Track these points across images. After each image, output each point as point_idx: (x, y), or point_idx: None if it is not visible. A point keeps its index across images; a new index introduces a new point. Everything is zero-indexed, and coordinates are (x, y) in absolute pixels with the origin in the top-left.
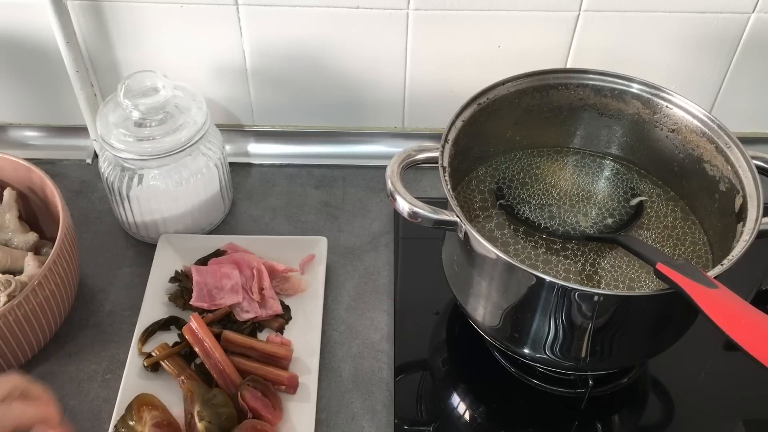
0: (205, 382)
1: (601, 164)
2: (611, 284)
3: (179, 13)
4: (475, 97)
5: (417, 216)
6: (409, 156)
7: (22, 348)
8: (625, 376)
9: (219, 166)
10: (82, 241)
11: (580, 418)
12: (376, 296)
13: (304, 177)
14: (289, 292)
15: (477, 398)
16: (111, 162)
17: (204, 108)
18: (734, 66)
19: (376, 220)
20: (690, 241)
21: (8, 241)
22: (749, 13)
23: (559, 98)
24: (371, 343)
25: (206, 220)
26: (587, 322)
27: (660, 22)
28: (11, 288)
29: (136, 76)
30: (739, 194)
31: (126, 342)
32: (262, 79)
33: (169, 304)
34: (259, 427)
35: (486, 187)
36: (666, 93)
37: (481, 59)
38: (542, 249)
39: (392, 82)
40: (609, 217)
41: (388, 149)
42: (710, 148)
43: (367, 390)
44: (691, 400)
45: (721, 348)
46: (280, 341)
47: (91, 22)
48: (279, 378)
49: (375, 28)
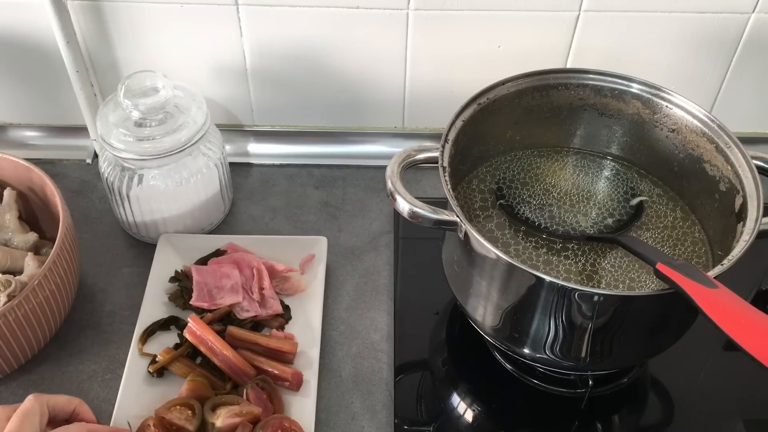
0: (215, 378)
1: (601, 164)
2: (611, 284)
3: (179, 13)
4: (475, 97)
5: (417, 216)
6: (409, 156)
7: (22, 348)
8: (625, 376)
9: (219, 166)
10: (82, 241)
11: (580, 418)
12: (376, 296)
13: (304, 177)
14: (289, 291)
15: (477, 398)
16: (111, 162)
17: (204, 108)
18: (734, 66)
19: (376, 220)
20: (690, 241)
21: (8, 241)
22: (749, 13)
23: (559, 98)
24: (371, 343)
25: (206, 220)
26: (587, 322)
27: (660, 22)
28: (11, 288)
29: (136, 76)
30: (739, 194)
31: (126, 342)
32: (262, 79)
33: (169, 303)
34: (286, 424)
35: (486, 187)
36: (666, 93)
37: (481, 59)
38: (542, 249)
39: (392, 82)
40: (609, 217)
41: (388, 149)
42: (710, 148)
43: (367, 390)
44: (691, 400)
45: (721, 348)
46: (284, 336)
47: (91, 22)
48: (283, 374)
49: (375, 28)
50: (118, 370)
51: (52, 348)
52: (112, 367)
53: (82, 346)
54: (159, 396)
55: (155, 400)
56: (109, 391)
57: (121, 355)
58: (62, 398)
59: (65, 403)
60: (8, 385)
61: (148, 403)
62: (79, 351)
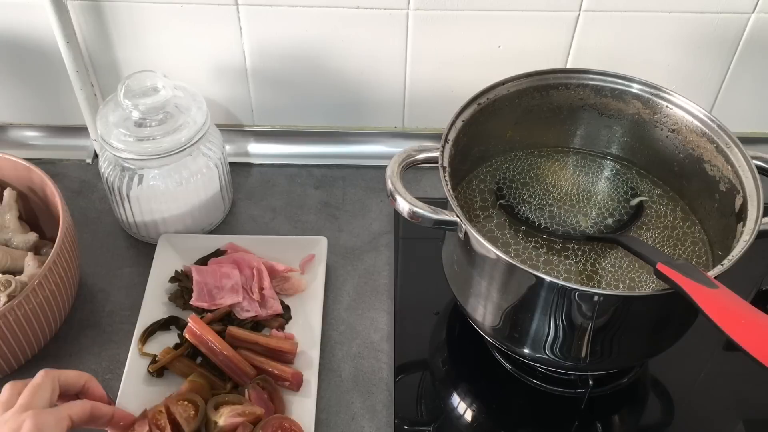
0: (215, 378)
1: (601, 164)
2: (611, 284)
3: (179, 13)
4: (475, 97)
5: (417, 216)
6: (409, 156)
7: (22, 348)
8: (625, 376)
9: (219, 166)
10: (82, 241)
11: (580, 418)
12: (376, 296)
13: (304, 177)
14: (289, 291)
15: (477, 398)
16: (111, 162)
17: (204, 108)
18: (734, 66)
19: (376, 220)
20: (690, 241)
21: (8, 241)
22: (749, 13)
23: (559, 98)
24: (371, 343)
25: (206, 220)
26: (587, 322)
27: (660, 22)
28: (11, 288)
29: (136, 76)
30: (739, 194)
31: (126, 342)
32: (262, 79)
33: (169, 303)
34: (286, 424)
35: (486, 187)
36: (666, 93)
37: (481, 59)
38: (542, 249)
39: (392, 82)
40: (609, 217)
41: (388, 149)
42: (710, 148)
43: (367, 390)
44: (691, 400)
45: (721, 348)
46: (284, 335)
47: (91, 22)
48: (283, 374)
49: (375, 28)
50: (118, 370)
51: (52, 348)
52: (112, 367)
53: (82, 346)
54: (159, 396)
55: (155, 400)
56: (109, 391)
57: (121, 355)
58: (72, 373)
59: (75, 379)
60: None
61: (148, 403)
62: (79, 351)
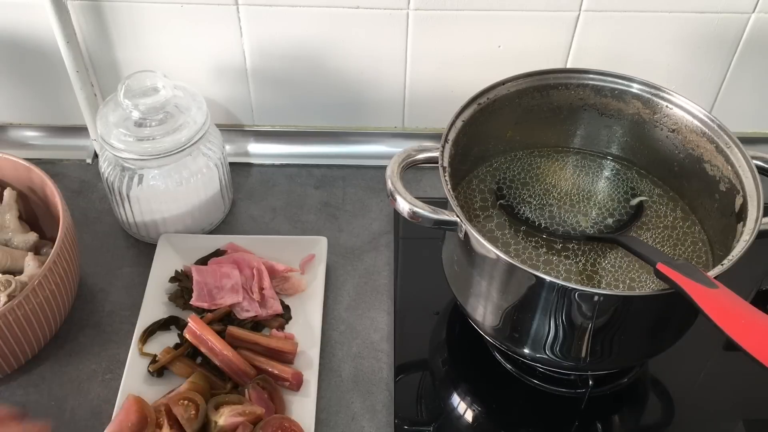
0: (215, 378)
1: (601, 164)
2: (611, 284)
3: (179, 13)
4: (475, 97)
5: (417, 216)
6: (409, 156)
7: (22, 348)
8: (625, 376)
9: (219, 166)
10: (82, 241)
11: (580, 418)
12: (376, 296)
13: (304, 177)
14: (289, 291)
15: (477, 398)
16: (111, 162)
17: (204, 108)
18: (734, 66)
19: (376, 220)
20: (690, 241)
21: (8, 241)
22: (749, 13)
23: (559, 98)
24: (371, 343)
25: (206, 220)
26: (587, 322)
27: (660, 22)
28: (11, 288)
29: (136, 76)
30: (740, 194)
31: (126, 342)
32: (262, 79)
33: (169, 303)
34: (286, 424)
35: (486, 187)
36: (666, 93)
37: (481, 59)
38: (543, 249)
39: (392, 82)
40: (609, 217)
41: (388, 149)
42: (710, 148)
43: (367, 390)
44: (691, 400)
45: (721, 348)
46: (284, 335)
47: (91, 22)
48: (283, 374)
49: (375, 28)
50: (118, 370)
51: (52, 348)
52: (112, 367)
53: (82, 346)
54: (159, 396)
55: (155, 400)
56: (109, 391)
57: (121, 355)
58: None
59: None
60: (8, 385)
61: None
62: (79, 351)
